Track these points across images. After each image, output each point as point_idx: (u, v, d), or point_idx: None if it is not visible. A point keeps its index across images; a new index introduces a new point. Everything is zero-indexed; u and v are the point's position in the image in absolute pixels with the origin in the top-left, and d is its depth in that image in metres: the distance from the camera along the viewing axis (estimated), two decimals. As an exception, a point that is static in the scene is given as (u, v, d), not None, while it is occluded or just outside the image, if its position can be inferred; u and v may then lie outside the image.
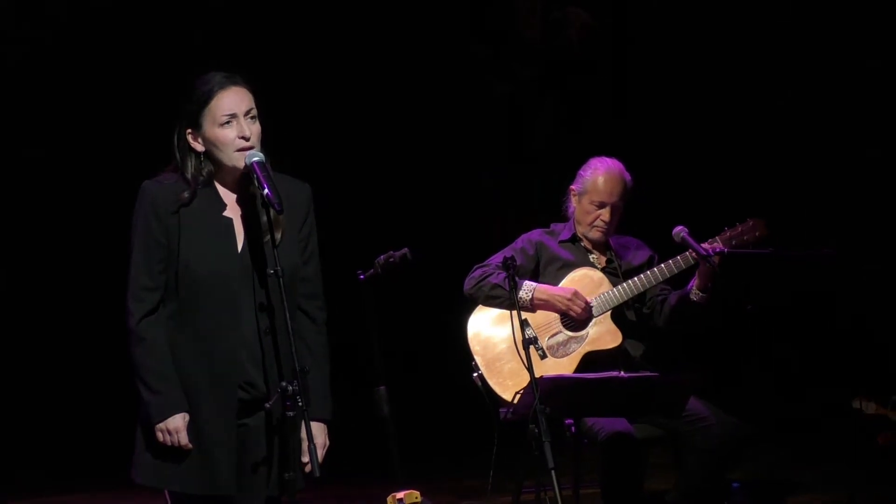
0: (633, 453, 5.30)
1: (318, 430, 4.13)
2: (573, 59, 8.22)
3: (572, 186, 5.68)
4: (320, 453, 4.12)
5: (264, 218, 4.07)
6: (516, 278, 5.12)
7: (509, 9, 8.23)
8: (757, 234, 5.43)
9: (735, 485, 5.12)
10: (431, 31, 8.59)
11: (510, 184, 8.52)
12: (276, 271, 3.99)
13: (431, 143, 8.68)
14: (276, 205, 3.96)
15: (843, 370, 7.46)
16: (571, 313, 5.49)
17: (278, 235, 4.08)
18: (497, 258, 5.61)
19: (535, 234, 5.73)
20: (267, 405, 4.02)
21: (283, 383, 3.97)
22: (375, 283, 5.26)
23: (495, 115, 8.45)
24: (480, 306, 5.62)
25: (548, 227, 5.79)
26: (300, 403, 3.95)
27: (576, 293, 5.48)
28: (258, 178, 3.99)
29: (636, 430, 5.34)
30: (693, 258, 5.40)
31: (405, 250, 5.22)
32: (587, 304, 5.49)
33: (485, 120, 8.48)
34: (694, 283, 5.43)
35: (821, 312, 7.83)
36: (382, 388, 5.42)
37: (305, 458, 4.07)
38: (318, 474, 3.98)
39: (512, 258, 5.08)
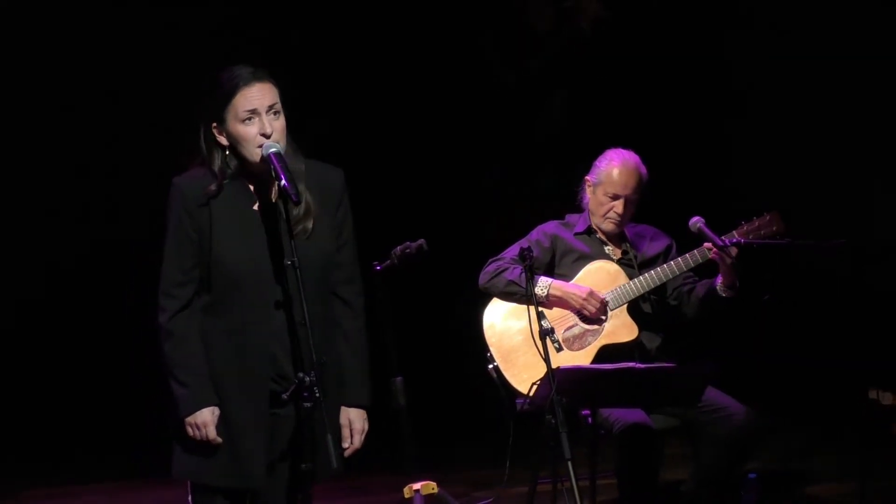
0: (649, 444, 5.30)
1: (357, 416, 4.20)
2: (585, 49, 8.21)
3: (588, 177, 5.68)
4: (357, 439, 4.20)
5: (294, 210, 4.08)
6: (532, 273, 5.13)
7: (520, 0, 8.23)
8: (774, 228, 5.43)
9: (751, 475, 5.13)
10: (440, 21, 8.59)
11: (516, 177, 8.51)
12: (292, 262, 4.00)
13: (443, 135, 8.68)
14: (293, 196, 3.98)
15: (858, 360, 7.45)
16: (585, 312, 5.49)
17: (309, 225, 4.09)
18: (511, 251, 5.61)
19: (551, 227, 5.72)
20: (284, 396, 4.03)
21: (300, 374, 3.99)
22: (391, 274, 5.27)
23: (504, 106, 8.44)
24: (496, 298, 5.63)
25: (562, 218, 5.79)
26: (317, 395, 3.96)
27: (591, 293, 5.48)
28: (275, 169, 4.00)
29: (652, 421, 5.34)
30: (709, 250, 5.39)
31: (421, 241, 5.22)
32: (602, 302, 5.49)
33: (494, 111, 8.48)
34: (720, 280, 5.43)
35: (837, 302, 7.82)
36: (399, 378, 5.43)
37: (346, 444, 4.18)
38: (335, 465, 3.99)
39: (528, 249, 5.08)
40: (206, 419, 4.04)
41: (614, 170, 5.58)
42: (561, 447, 4.72)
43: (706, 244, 5.41)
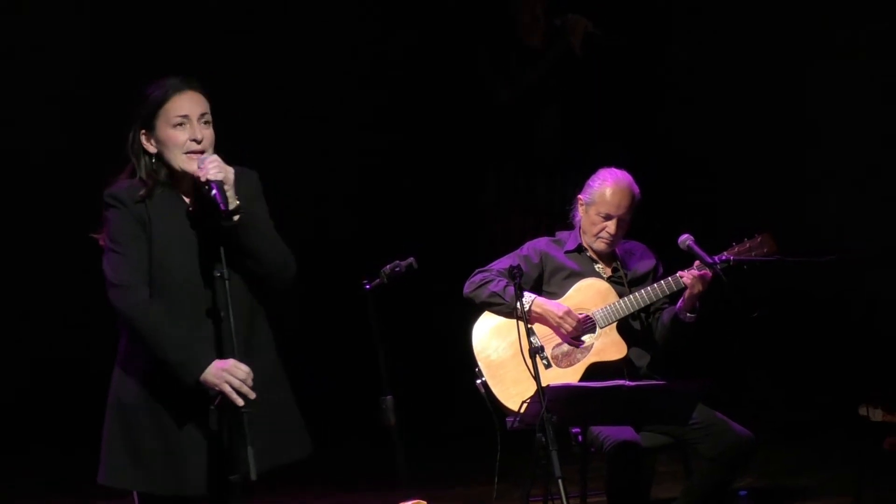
0: (638, 462, 5.29)
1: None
2: (576, 65, 8.23)
3: (580, 196, 5.69)
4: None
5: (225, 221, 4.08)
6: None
7: (511, 17, 8.24)
8: (765, 249, 5.44)
9: (742, 493, 5.12)
10: (432, 35, 8.60)
11: (510, 192, 8.52)
12: (221, 274, 4.06)
13: (434, 151, 8.69)
14: (221, 204, 4.01)
15: (849, 376, 7.45)
16: (562, 330, 5.50)
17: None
18: (500, 263, 5.63)
19: (542, 244, 5.73)
20: (212, 406, 4.05)
21: None
22: (381, 293, 5.26)
23: (497, 121, 8.45)
24: (486, 313, 5.63)
25: (553, 235, 5.80)
26: (239, 406, 4.01)
27: (568, 311, 5.49)
28: (208, 184, 4.04)
29: (643, 439, 5.34)
30: (699, 269, 5.40)
31: (411, 259, 5.22)
32: (579, 322, 5.49)
33: (487, 127, 8.48)
34: (681, 305, 5.45)
35: (827, 319, 7.83)
36: (389, 397, 5.42)
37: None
38: (254, 477, 4.00)
39: (518, 267, 5.08)
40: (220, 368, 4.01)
41: (607, 190, 5.59)
42: (551, 465, 4.71)
43: (680, 272, 5.42)
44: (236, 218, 4.05)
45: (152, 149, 4.13)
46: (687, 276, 5.41)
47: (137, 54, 7.91)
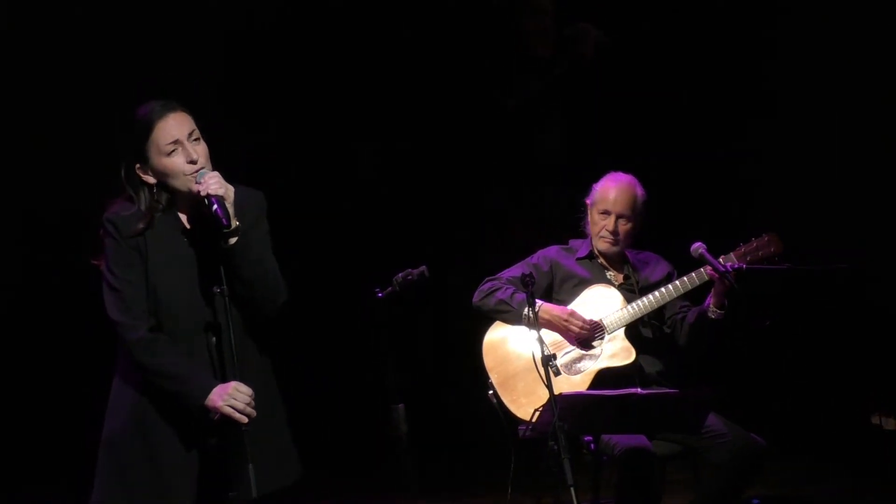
0: (649, 469, 5.28)
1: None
2: (585, 75, 8.24)
3: (586, 199, 5.71)
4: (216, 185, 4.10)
5: (226, 241, 4.08)
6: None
7: (518, 26, 8.25)
8: (772, 249, 5.43)
9: (754, 501, 5.12)
10: (441, 43, 8.62)
11: (520, 199, 8.53)
12: (221, 290, 4.06)
13: (444, 159, 8.70)
14: (223, 219, 4.01)
15: (861, 386, 7.44)
16: (571, 332, 5.49)
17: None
18: (510, 271, 5.63)
19: (552, 252, 5.74)
20: (214, 417, 4.04)
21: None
22: (393, 302, 5.27)
23: (505, 130, 8.47)
24: (497, 324, 5.63)
25: (566, 243, 5.80)
26: (240, 424, 4.02)
27: (572, 313, 5.48)
28: (209, 199, 4.04)
29: (654, 447, 5.33)
30: (708, 274, 5.40)
31: (423, 268, 5.22)
32: (585, 322, 5.49)
33: (495, 135, 8.50)
34: (710, 301, 5.43)
35: (839, 327, 7.82)
36: (400, 406, 5.43)
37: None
38: (255, 495, 4.01)
39: (530, 275, 5.08)
40: (223, 393, 4.02)
41: (608, 187, 5.62)
42: (563, 473, 4.71)
43: (704, 266, 5.42)
44: (233, 241, 4.06)
45: (151, 179, 4.11)
46: (709, 269, 5.39)
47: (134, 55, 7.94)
